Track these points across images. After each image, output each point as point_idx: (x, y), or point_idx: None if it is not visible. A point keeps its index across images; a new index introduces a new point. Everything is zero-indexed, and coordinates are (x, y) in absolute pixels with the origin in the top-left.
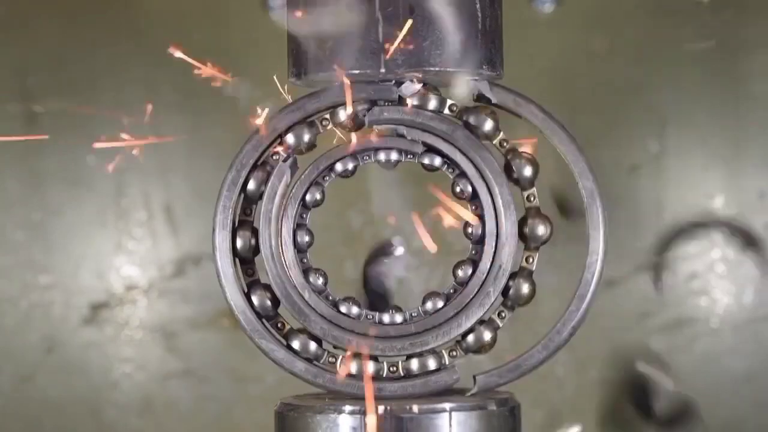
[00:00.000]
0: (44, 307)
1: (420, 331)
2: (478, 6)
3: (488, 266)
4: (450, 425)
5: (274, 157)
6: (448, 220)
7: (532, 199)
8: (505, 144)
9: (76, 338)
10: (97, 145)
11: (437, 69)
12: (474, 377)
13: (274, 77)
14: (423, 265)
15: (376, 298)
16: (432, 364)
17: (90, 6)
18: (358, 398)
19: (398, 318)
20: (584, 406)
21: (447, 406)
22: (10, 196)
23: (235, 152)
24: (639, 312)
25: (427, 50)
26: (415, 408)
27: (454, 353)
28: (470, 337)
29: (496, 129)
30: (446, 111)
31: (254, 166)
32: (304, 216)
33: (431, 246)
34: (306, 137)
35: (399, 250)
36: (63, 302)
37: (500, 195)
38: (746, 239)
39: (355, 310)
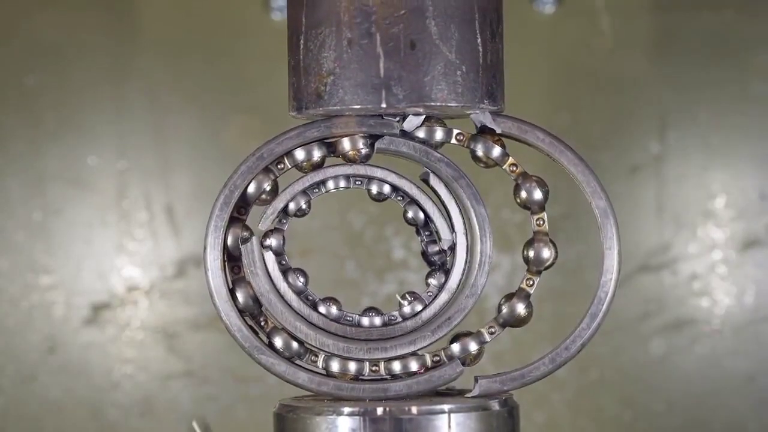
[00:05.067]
0: (45, 308)
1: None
2: (479, 41)
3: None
4: (449, 426)
5: (279, 166)
6: None
7: (540, 223)
8: (515, 168)
9: (77, 339)
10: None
11: (438, 104)
12: (476, 379)
13: None
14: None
15: None
16: (414, 365)
17: (91, 6)
18: (359, 400)
19: (377, 321)
20: (584, 406)
21: (446, 407)
22: (11, 196)
23: (236, 153)
24: (640, 313)
25: (428, 85)
26: (414, 409)
27: (437, 358)
28: (455, 346)
29: (505, 155)
30: (453, 141)
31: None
32: (284, 221)
33: None
34: (316, 155)
35: None
36: (64, 303)
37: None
38: (747, 240)
39: (334, 310)
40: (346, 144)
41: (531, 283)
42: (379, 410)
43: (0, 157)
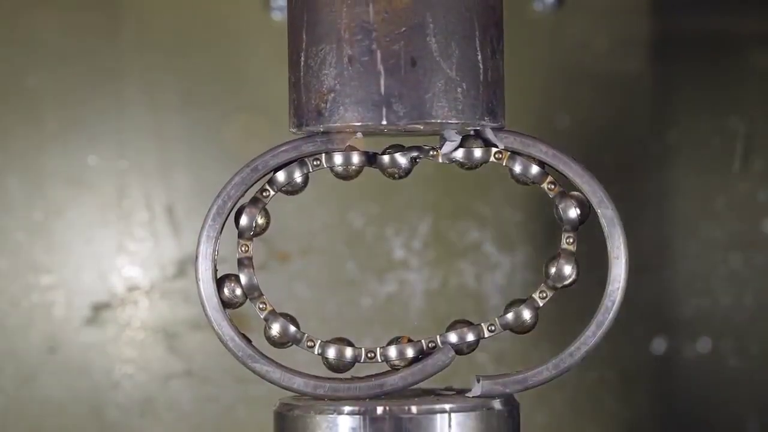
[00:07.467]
0: (46, 308)
1: None
2: (479, 58)
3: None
4: (449, 426)
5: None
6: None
7: (570, 241)
8: (552, 187)
9: (77, 339)
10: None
11: (439, 121)
12: (477, 378)
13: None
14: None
15: None
16: (410, 352)
17: (91, 6)
18: (357, 398)
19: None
20: (585, 406)
21: (447, 406)
22: (11, 196)
23: (236, 153)
24: (640, 313)
25: (429, 102)
26: (414, 408)
27: (432, 344)
28: (451, 334)
29: (543, 174)
30: (492, 159)
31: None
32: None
33: None
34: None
35: None
36: (65, 303)
37: None
38: (747, 240)
39: None
40: (336, 158)
41: (544, 296)
42: (379, 409)
43: (0, 157)
